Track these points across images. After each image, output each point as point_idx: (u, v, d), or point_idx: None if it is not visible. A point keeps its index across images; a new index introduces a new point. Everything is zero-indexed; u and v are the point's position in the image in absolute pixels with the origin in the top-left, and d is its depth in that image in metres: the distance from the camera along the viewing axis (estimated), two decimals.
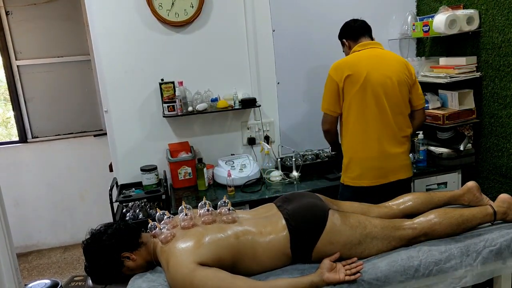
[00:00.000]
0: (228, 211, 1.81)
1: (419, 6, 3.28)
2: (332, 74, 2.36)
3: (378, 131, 2.32)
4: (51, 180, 4.06)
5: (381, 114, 2.32)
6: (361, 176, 2.37)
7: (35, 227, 4.12)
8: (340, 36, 2.57)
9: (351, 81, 2.31)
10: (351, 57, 2.42)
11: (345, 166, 2.44)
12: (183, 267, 1.56)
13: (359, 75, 2.30)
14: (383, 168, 2.35)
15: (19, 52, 3.90)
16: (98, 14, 2.82)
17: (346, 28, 2.54)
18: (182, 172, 2.90)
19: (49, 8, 3.87)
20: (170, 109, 2.86)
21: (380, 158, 2.33)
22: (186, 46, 2.98)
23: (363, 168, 2.36)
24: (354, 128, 2.36)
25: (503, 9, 2.51)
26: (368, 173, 2.35)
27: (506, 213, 1.92)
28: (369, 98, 2.30)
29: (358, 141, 2.36)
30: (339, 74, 2.33)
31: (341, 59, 2.43)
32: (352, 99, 2.32)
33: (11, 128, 4.16)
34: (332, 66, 2.39)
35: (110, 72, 2.90)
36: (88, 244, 1.77)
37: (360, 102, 2.32)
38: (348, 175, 2.42)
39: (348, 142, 2.42)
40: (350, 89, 2.32)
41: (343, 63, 2.38)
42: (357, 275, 1.64)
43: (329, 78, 2.38)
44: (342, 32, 2.56)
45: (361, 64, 2.34)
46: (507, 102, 2.58)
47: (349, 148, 2.41)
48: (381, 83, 2.30)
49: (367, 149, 2.34)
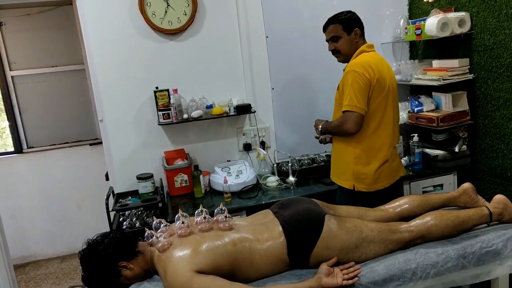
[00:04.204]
0: (225, 218, 1.81)
1: (411, 10, 3.31)
2: (363, 72, 2.16)
3: (391, 138, 2.34)
4: (47, 190, 4.04)
5: (395, 122, 2.36)
6: (376, 181, 2.30)
7: (32, 238, 4.09)
8: (352, 23, 2.31)
9: (379, 86, 2.21)
10: (371, 59, 2.25)
11: (360, 174, 2.30)
12: (181, 275, 1.55)
13: (384, 81, 2.24)
14: (393, 168, 2.37)
15: (13, 63, 3.89)
16: (91, 23, 2.83)
17: (357, 18, 2.34)
18: (179, 180, 2.90)
19: (42, 18, 3.86)
20: (165, 117, 2.86)
21: (391, 160, 2.35)
22: (180, 53, 2.99)
23: (378, 173, 2.30)
24: (374, 136, 2.26)
25: (494, 11, 2.53)
26: (383, 175, 2.32)
27: (501, 214, 1.93)
28: (389, 106, 2.29)
29: (376, 148, 2.28)
30: (371, 74, 2.18)
31: (362, 59, 2.25)
32: (378, 105, 2.23)
33: (6, 138, 4.15)
34: (359, 64, 2.20)
35: (105, 81, 2.90)
36: (85, 254, 1.77)
37: (383, 109, 2.26)
38: (365, 181, 2.30)
39: (364, 149, 2.28)
40: (378, 94, 2.22)
41: (371, 64, 2.21)
42: (354, 279, 1.65)
43: (361, 76, 2.16)
44: (354, 20, 2.33)
45: (383, 69, 2.26)
46: (501, 103, 2.59)
47: (366, 154, 2.29)
48: (395, 90, 2.35)
49: (383, 155, 2.29)
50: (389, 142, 2.32)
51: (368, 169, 2.29)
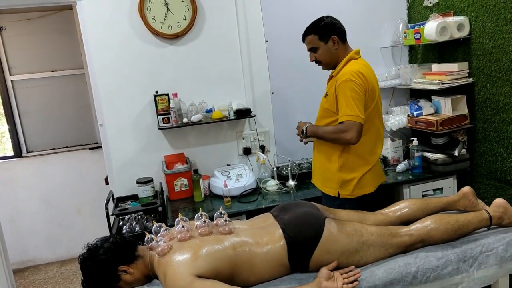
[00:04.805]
0: (225, 222, 1.81)
1: (410, 14, 3.32)
2: (358, 81, 2.10)
3: (376, 145, 2.32)
4: (47, 195, 4.04)
5: (380, 128, 2.34)
6: (361, 186, 2.27)
7: (31, 243, 4.08)
8: (328, 31, 2.23)
9: (372, 95, 2.18)
10: (362, 67, 2.18)
11: (345, 181, 2.26)
12: (181, 279, 1.55)
13: (374, 89, 2.21)
14: (375, 175, 2.35)
15: (13, 67, 3.90)
16: (91, 28, 2.84)
17: (333, 24, 2.24)
18: (178, 184, 2.90)
19: (42, 22, 3.88)
20: (165, 121, 2.87)
21: (375, 166, 2.33)
22: (180, 58, 2.99)
23: (363, 179, 2.27)
24: (361, 144, 2.17)
25: (493, 15, 2.54)
26: (368, 181, 2.29)
27: (501, 217, 1.93)
28: (379, 115, 2.29)
29: (361, 156, 2.24)
30: (365, 83, 2.13)
31: (354, 66, 2.17)
32: (368, 116, 2.18)
33: (5, 143, 4.15)
34: (354, 73, 2.11)
35: (105, 85, 2.90)
36: (84, 259, 1.76)
37: (373, 118, 2.24)
38: (348, 188, 2.26)
39: (350, 157, 2.24)
40: (370, 103, 2.19)
41: (363, 72, 2.14)
42: (355, 283, 1.64)
43: (358, 85, 2.09)
44: (330, 27, 2.23)
45: (372, 77, 2.22)
46: (500, 107, 2.60)
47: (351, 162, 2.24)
48: (379, 96, 2.32)
49: (368, 162, 2.27)
50: (374, 150, 2.30)
51: (352, 176, 2.25)
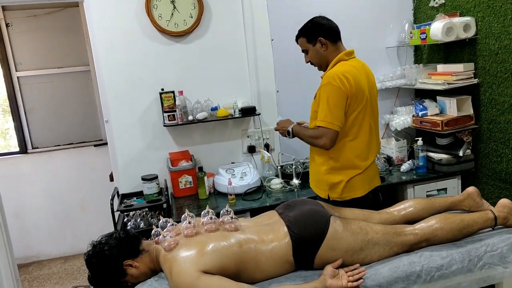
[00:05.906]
0: (231, 219, 1.82)
1: (416, 14, 3.32)
2: (340, 85, 2.03)
3: (368, 150, 2.21)
4: (52, 191, 4.06)
5: (375, 131, 2.26)
6: (350, 189, 2.19)
7: (36, 238, 4.10)
8: (314, 33, 2.19)
9: (356, 100, 2.09)
10: (349, 69, 2.11)
11: (333, 184, 2.20)
12: (187, 275, 1.56)
13: (362, 93, 2.11)
14: (365, 179, 2.23)
15: (19, 63, 3.92)
16: (98, 25, 2.85)
17: (319, 25, 2.20)
18: (183, 181, 2.91)
19: (49, 19, 3.89)
20: (171, 118, 2.88)
21: (366, 171, 2.22)
22: (186, 55, 3.00)
23: (350, 182, 2.19)
24: (349, 148, 2.15)
25: (499, 16, 2.54)
26: (356, 185, 2.21)
27: (506, 218, 1.93)
28: (367, 117, 2.18)
29: (350, 159, 2.17)
30: (347, 87, 2.04)
31: (340, 69, 2.10)
32: (355, 119, 2.12)
33: (10, 139, 4.17)
34: (336, 76, 2.05)
35: (111, 82, 2.92)
36: (90, 256, 1.77)
37: (361, 122, 2.15)
38: (337, 191, 2.20)
39: (338, 161, 2.18)
40: (355, 108, 2.10)
41: (348, 75, 2.06)
42: (359, 281, 1.65)
43: (336, 89, 2.03)
44: (316, 29, 2.20)
45: (361, 79, 2.13)
46: (505, 108, 2.60)
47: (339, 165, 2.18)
48: (374, 99, 2.25)
49: (357, 166, 2.19)
50: (365, 155, 2.20)
51: (339, 179, 2.18)
